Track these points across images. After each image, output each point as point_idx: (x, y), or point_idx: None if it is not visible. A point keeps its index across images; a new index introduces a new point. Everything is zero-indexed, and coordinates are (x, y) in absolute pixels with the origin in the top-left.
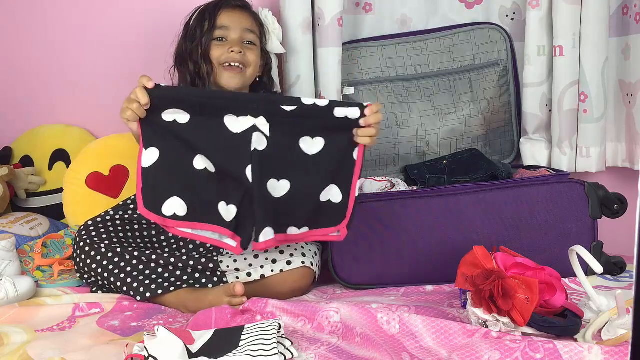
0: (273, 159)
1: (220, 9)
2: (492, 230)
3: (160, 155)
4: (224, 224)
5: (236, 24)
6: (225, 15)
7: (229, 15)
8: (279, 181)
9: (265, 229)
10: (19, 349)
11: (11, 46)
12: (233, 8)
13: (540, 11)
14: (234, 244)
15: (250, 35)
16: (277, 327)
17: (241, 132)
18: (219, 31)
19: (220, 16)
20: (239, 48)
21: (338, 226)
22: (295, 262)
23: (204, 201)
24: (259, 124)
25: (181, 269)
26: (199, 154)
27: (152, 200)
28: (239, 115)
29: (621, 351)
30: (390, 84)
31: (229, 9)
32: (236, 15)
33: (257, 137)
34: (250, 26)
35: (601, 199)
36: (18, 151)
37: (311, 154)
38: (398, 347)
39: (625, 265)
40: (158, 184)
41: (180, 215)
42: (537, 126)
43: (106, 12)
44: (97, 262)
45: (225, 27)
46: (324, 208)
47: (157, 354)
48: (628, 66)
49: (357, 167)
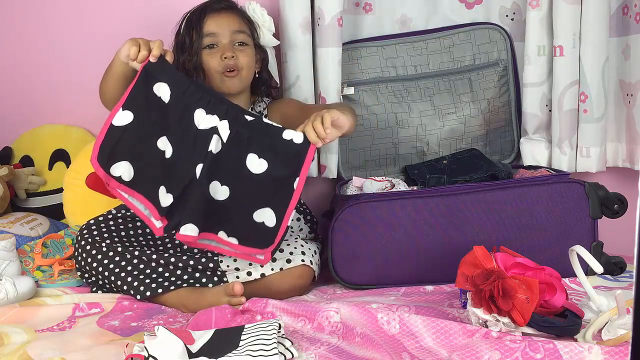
0: (222, 164)
1: (206, 15)
2: (492, 230)
3: (133, 121)
4: (157, 206)
5: (224, 28)
6: (211, 20)
7: (215, 19)
8: (222, 186)
9: (188, 225)
10: (19, 349)
11: (11, 46)
12: (218, 11)
13: (540, 11)
14: (158, 224)
15: (240, 35)
16: (277, 327)
17: (202, 130)
18: (208, 38)
19: (206, 23)
20: (230, 53)
21: (264, 250)
22: (295, 260)
23: (149, 177)
24: (220, 128)
25: (181, 269)
26: (164, 135)
27: (106, 157)
28: (208, 112)
29: (621, 351)
30: (390, 84)
31: (214, 13)
32: (222, 19)
33: (215, 140)
34: (239, 27)
35: (601, 199)
36: (18, 151)
37: (254, 172)
38: (398, 347)
39: (625, 265)
40: (118, 144)
41: (124, 179)
42: (537, 126)
43: (106, 12)
44: (98, 261)
45: (214, 34)
46: (256, 228)
47: (157, 354)
48: (628, 66)
49: (295, 196)
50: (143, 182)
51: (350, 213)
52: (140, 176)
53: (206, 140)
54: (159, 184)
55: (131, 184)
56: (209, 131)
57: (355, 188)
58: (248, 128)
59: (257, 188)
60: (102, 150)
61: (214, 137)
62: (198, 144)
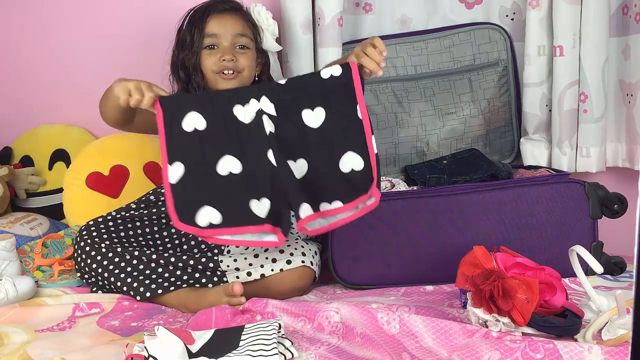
0: (284, 140)
1: (209, 15)
2: (492, 230)
3: (186, 169)
4: (260, 222)
5: (226, 30)
6: (214, 21)
7: (218, 21)
8: (296, 161)
9: (302, 205)
10: (19, 349)
11: (11, 46)
12: (222, 12)
13: (540, 11)
14: (274, 238)
15: (242, 39)
16: (277, 327)
17: (252, 121)
18: (209, 39)
19: (209, 23)
20: (230, 56)
21: (369, 191)
22: (295, 262)
23: (236, 205)
24: (263, 107)
25: (181, 269)
26: (222, 157)
27: (186, 214)
28: (244, 104)
29: (621, 351)
30: (390, 84)
31: (217, 14)
32: (226, 20)
33: (266, 120)
34: (242, 30)
35: (601, 199)
36: (18, 151)
37: (316, 127)
38: (398, 347)
39: (625, 265)
40: (188, 198)
41: (215, 223)
42: (537, 126)
43: (106, 12)
44: (98, 262)
45: (215, 35)
46: (350, 179)
47: (157, 354)
48: (628, 66)
49: (366, 125)
50: (233, 214)
51: None
52: (227, 211)
53: (259, 126)
54: (247, 201)
55: (225, 224)
56: (257, 117)
57: None
58: (287, 91)
59: (327, 140)
60: (178, 210)
61: (264, 117)
62: (255, 134)
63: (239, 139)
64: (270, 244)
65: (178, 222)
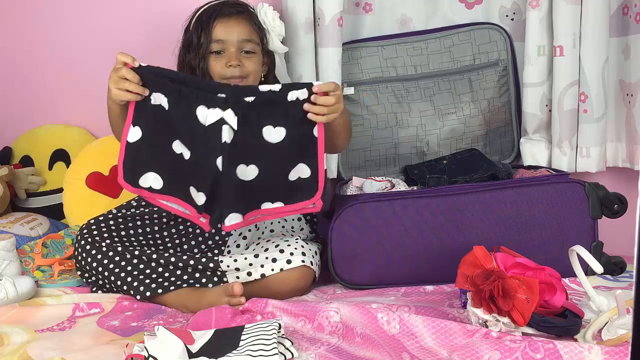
0: (241, 147)
1: (216, 19)
2: (492, 230)
3: (143, 134)
4: (194, 206)
5: (233, 36)
6: (220, 26)
7: (225, 26)
8: (248, 166)
9: (231, 215)
10: (19, 349)
11: (11, 46)
12: (228, 17)
13: (540, 11)
14: (203, 220)
15: (248, 44)
16: (277, 327)
17: (210, 125)
18: (215, 44)
19: (215, 28)
20: (236, 61)
21: (312, 199)
22: (295, 261)
23: (178, 181)
24: (227, 118)
25: (182, 269)
26: (177, 139)
27: (131, 172)
28: (209, 107)
29: (621, 351)
30: (390, 84)
31: (224, 19)
32: (232, 26)
33: (226, 130)
34: (248, 35)
35: (601, 198)
36: (18, 151)
37: (274, 142)
38: (398, 347)
39: (625, 265)
40: (138, 159)
41: (155, 188)
42: (537, 126)
43: (107, 11)
44: (98, 261)
45: (222, 41)
46: (295, 185)
47: (157, 354)
48: (628, 66)
49: (320, 143)
50: (174, 187)
51: (350, 213)
52: (169, 182)
53: (217, 133)
54: (188, 184)
55: (164, 191)
56: (217, 124)
57: (355, 188)
58: (253, 108)
59: (282, 154)
60: (125, 168)
61: (224, 128)
62: (210, 139)
63: (192, 136)
64: (199, 223)
65: (121, 179)
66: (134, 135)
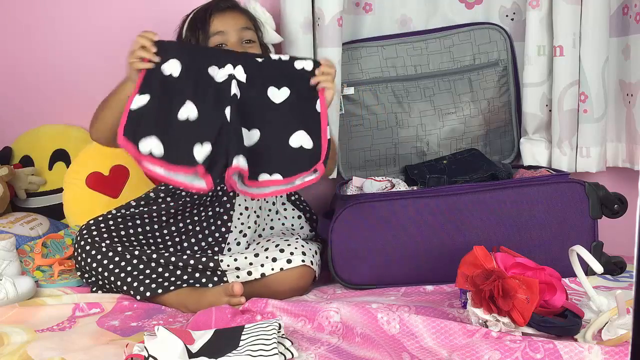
0: (246, 107)
1: (212, 14)
2: (492, 230)
3: (150, 101)
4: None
5: (232, 26)
6: (217, 19)
7: (222, 18)
8: (250, 130)
9: (239, 157)
10: (19, 349)
11: (11, 46)
12: (223, 10)
13: (540, 11)
14: (203, 184)
15: (247, 32)
16: (277, 327)
17: (222, 81)
18: (216, 37)
19: (213, 22)
20: (241, 49)
21: (313, 167)
22: (295, 261)
23: (181, 147)
24: (236, 74)
25: (181, 269)
26: (184, 103)
27: (132, 133)
28: (220, 66)
29: (621, 351)
30: (390, 84)
31: (219, 13)
32: (229, 17)
33: (235, 84)
34: (246, 24)
35: (601, 198)
36: (18, 151)
37: (278, 102)
38: (398, 347)
39: (625, 265)
40: (141, 122)
41: (155, 154)
42: (537, 126)
43: (106, 11)
44: (98, 261)
45: (222, 32)
46: (297, 154)
47: (157, 354)
48: (628, 66)
49: (323, 117)
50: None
51: (350, 213)
52: (170, 148)
53: (227, 86)
54: (192, 145)
55: (164, 158)
56: (227, 79)
57: (355, 188)
58: (261, 68)
59: (285, 116)
60: (127, 128)
61: (233, 82)
62: (221, 92)
63: (204, 91)
64: (198, 189)
65: (121, 137)
66: (139, 102)
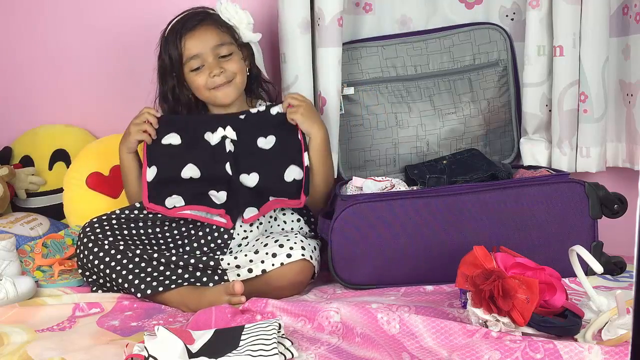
0: (241, 157)
1: (182, 36)
2: (492, 230)
3: (158, 171)
4: (216, 206)
5: (205, 47)
6: (190, 42)
7: (193, 40)
8: (249, 175)
9: (247, 209)
10: (19, 349)
11: (11, 46)
12: (193, 29)
13: (540, 11)
14: (224, 220)
15: (222, 48)
16: (277, 327)
17: (217, 143)
18: (192, 62)
19: (185, 46)
20: (217, 70)
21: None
22: (295, 255)
23: (197, 193)
24: (228, 134)
25: (182, 268)
26: (187, 165)
27: (155, 198)
28: (213, 131)
29: (621, 351)
30: (390, 84)
31: (190, 33)
32: (201, 36)
33: (228, 143)
34: (219, 39)
35: (601, 198)
36: (18, 151)
37: (267, 148)
38: (398, 347)
39: (625, 265)
40: (159, 190)
41: (179, 206)
42: (537, 126)
43: (106, 11)
44: (100, 258)
45: (196, 56)
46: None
47: (157, 354)
48: (628, 66)
49: (302, 144)
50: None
51: (350, 213)
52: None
53: (222, 146)
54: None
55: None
56: (221, 141)
57: (355, 188)
58: (246, 122)
59: (277, 157)
60: (150, 197)
61: (227, 141)
62: (218, 153)
63: (204, 156)
64: (219, 223)
65: (148, 203)
66: (151, 174)
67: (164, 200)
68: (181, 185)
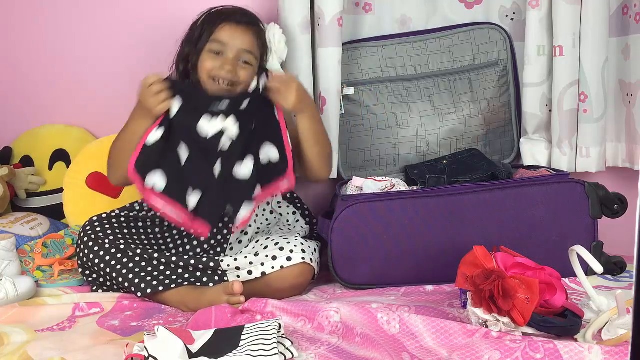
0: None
1: (223, 22)
2: (492, 230)
3: (162, 135)
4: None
5: (235, 43)
6: (226, 30)
7: (230, 31)
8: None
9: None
10: (19, 349)
11: (11, 46)
12: (237, 24)
13: (540, 11)
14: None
15: (247, 56)
16: (277, 327)
17: (210, 137)
18: (215, 44)
19: (220, 30)
20: (231, 67)
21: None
22: (295, 258)
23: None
24: (228, 126)
25: (183, 268)
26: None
27: (142, 166)
28: (213, 115)
29: (621, 351)
30: (390, 84)
31: (232, 25)
32: (238, 33)
33: (225, 140)
34: (250, 47)
35: (601, 198)
36: (18, 151)
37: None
38: (398, 347)
39: (625, 265)
40: (151, 157)
41: (158, 187)
42: (537, 126)
43: (107, 11)
44: (100, 257)
45: (223, 43)
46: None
47: (157, 354)
48: (628, 66)
49: (283, 126)
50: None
51: (350, 213)
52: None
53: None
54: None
55: (165, 192)
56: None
57: (355, 188)
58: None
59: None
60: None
61: (223, 138)
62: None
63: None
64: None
65: (132, 170)
66: (154, 137)
67: (148, 172)
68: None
